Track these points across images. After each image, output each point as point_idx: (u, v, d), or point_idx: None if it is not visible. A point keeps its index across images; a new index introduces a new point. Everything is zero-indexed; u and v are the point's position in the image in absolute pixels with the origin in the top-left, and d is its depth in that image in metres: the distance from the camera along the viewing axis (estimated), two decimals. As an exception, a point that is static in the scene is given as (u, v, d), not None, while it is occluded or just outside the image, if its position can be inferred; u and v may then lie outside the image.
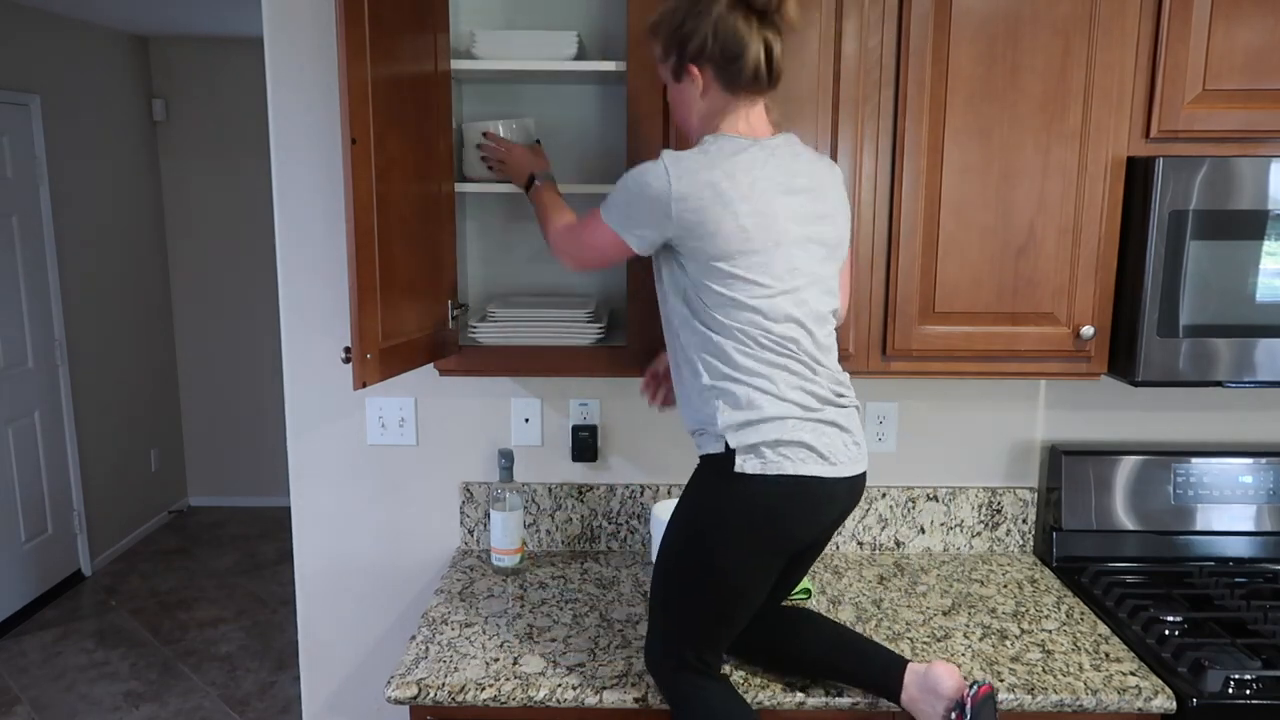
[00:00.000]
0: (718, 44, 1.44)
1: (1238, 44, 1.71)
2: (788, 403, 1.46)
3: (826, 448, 1.47)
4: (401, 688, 1.60)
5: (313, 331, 2.11)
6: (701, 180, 1.42)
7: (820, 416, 1.48)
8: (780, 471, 1.44)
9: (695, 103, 1.52)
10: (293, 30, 2.00)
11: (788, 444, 1.45)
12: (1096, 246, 1.77)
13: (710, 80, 1.48)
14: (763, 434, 1.44)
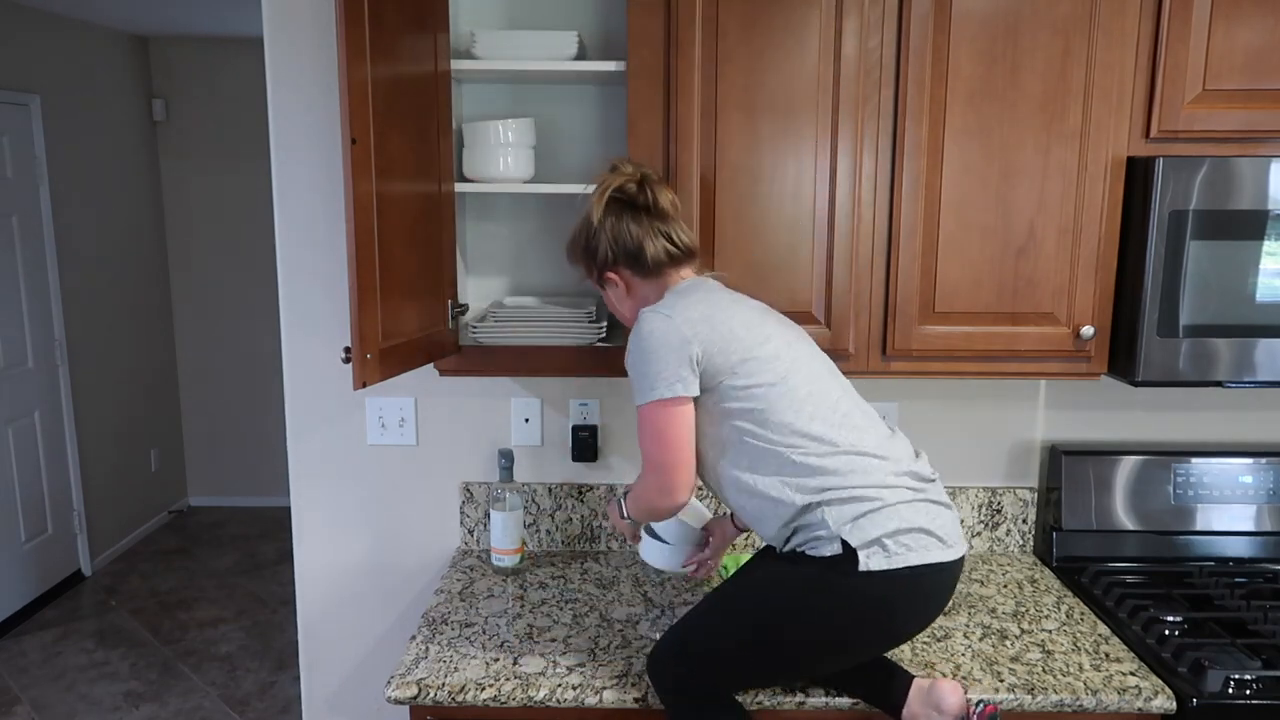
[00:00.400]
0: (620, 248, 1.58)
1: (1238, 44, 1.71)
2: (893, 487, 1.45)
3: (941, 529, 1.45)
4: (401, 688, 1.60)
5: (313, 331, 2.11)
6: (695, 314, 1.49)
7: (927, 496, 1.47)
8: (906, 564, 1.41)
9: (627, 299, 1.63)
10: (293, 30, 2.00)
11: (907, 531, 1.42)
12: (1096, 246, 1.76)
13: (630, 277, 1.60)
14: (882, 525, 1.42)
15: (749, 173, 1.73)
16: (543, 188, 1.85)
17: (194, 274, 5.32)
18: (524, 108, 2.00)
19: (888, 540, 1.41)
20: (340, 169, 2.03)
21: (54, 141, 4.31)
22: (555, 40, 1.81)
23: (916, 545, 1.42)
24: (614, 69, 1.78)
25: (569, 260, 1.69)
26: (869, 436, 1.49)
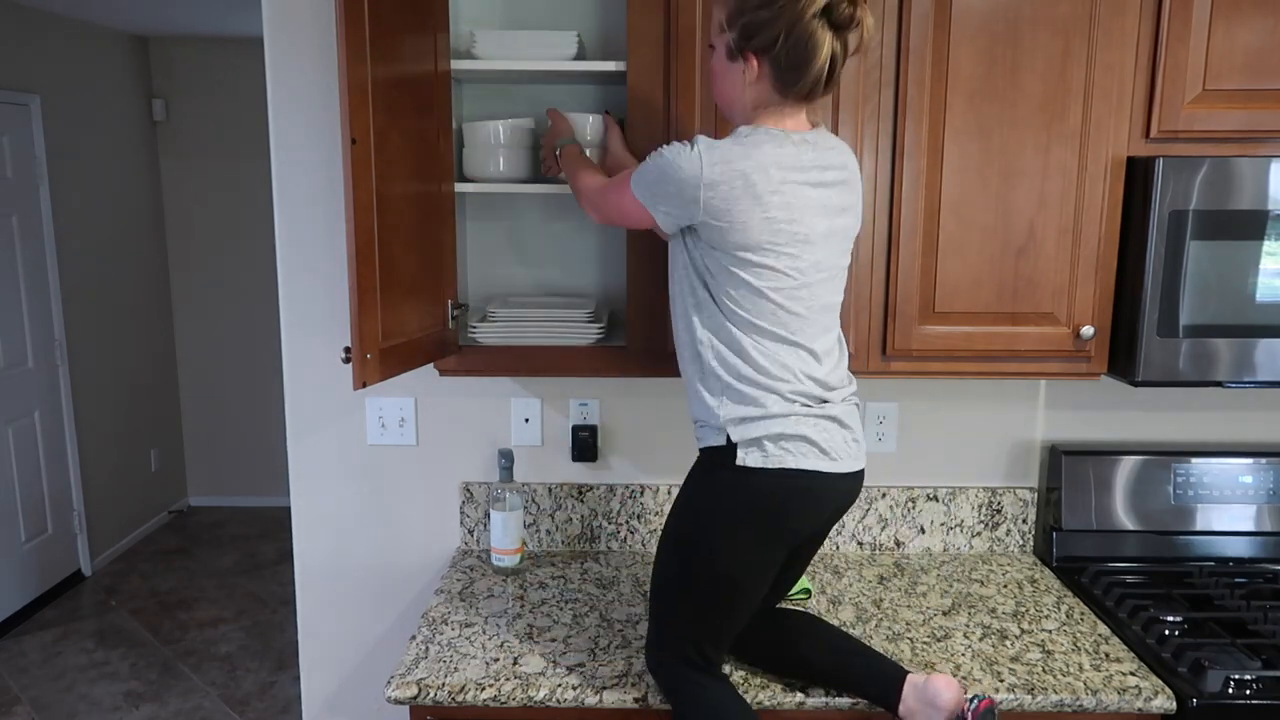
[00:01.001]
0: (787, 45, 1.39)
1: (1238, 44, 1.71)
2: (792, 400, 1.46)
3: (827, 443, 1.47)
4: (401, 688, 1.60)
5: (313, 331, 2.11)
6: (734, 170, 1.40)
7: (822, 412, 1.48)
8: (782, 465, 1.45)
9: (741, 86, 1.46)
10: (293, 30, 2.00)
11: (790, 438, 1.45)
12: (1096, 246, 1.76)
13: (765, 75, 1.43)
14: (765, 428, 1.45)
15: (749, 173, 1.73)
16: (542, 188, 1.85)
17: (194, 274, 5.32)
18: (524, 107, 2.00)
19: (767, 442, 1.45)
20: (340, 169, 2.03)
21: (54, 141, 4.31)
22: (555, 40, 1.81)
23: (796, 451, 1.45)
24: (614, 69, 1.78)
25: (713, 9, 1.48)
26: (802, 361, 1.49)
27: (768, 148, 1.42)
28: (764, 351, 1.46)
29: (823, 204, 1.46)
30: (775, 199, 1.41)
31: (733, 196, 1.40)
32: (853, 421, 1.53)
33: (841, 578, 2.05)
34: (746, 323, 1.45)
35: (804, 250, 1.44)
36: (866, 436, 2.14)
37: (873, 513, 2.17)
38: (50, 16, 4.30)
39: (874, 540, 2.18)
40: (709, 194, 1.40)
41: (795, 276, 1.44)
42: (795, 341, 1.47)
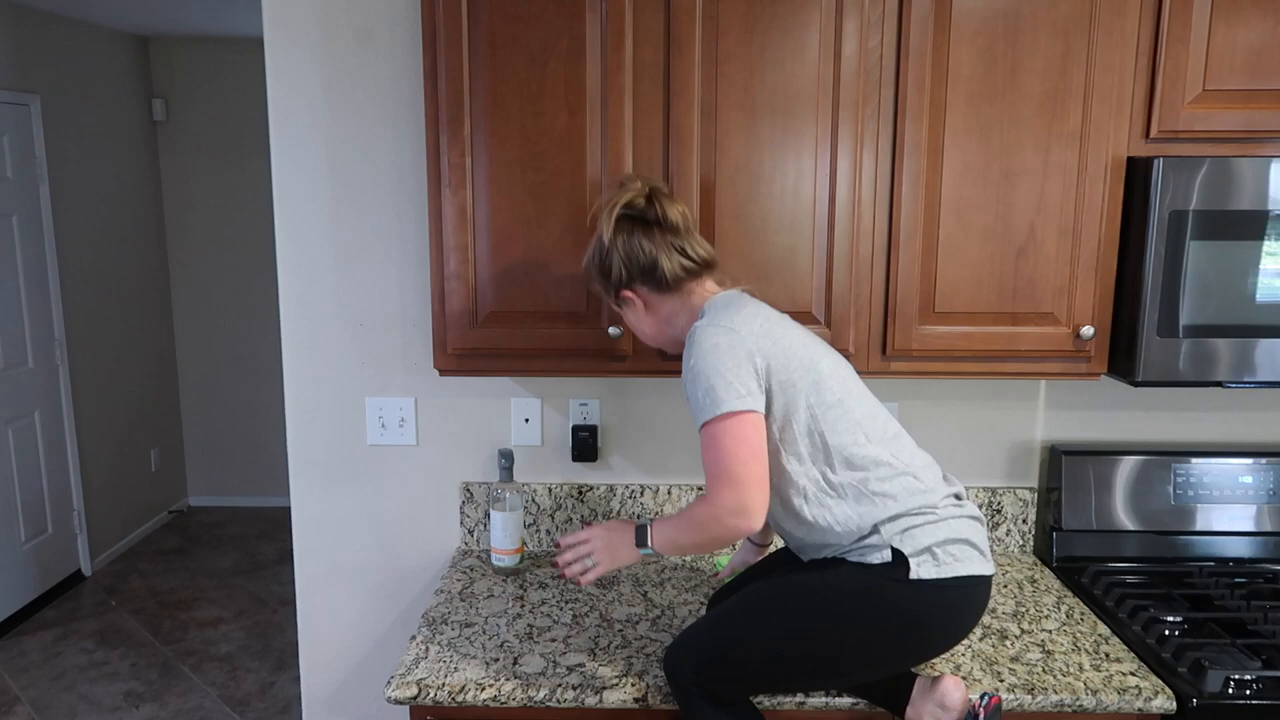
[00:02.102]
0: (635, 266, 1.55)
1: (1238, 44, 1.71)
2: (942, 504, 1.46)
3: (981, 543, 1.48)
4: (401, 688, 1.60)
5: (313, 331, 2.11)
6: (750, 330, 1.47)
7: (967, 512, 1.49)
8: (954, 574, 1.43)
9: (646, 317, 1.61)
10: (293, 30, 2.00)
11: (955, 542, 1.44)
12: (1096, 247, 1.77)
13: (648, 294, 1.58)
14: (933, 535, 1.44)
15: (748, 172, 1.73)
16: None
17: (194, 274, 5.32)
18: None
19: (937, 549, 1.43)
20: (339, 169, 2.03)
21: (54, 141, 4.31)
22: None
23: (963, 556, 1.44)
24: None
25: (588, 283, 1.70)
26: (908, 450, 1.52)
27: (735, 302, 1.53)
28: (886, 447, 1.50)
29: (806, 330, 1.58)
30: (793, 335, 1.52)
31: (773, 353, 1.47)
32: (980, 514, 1.54)
33: (841, 578, 2.04)
34: (849, 431, 1.49)
35: (832, 369, 1.52)
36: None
37: (873, 513, 2.17)
38: (50, 16, 4.30)
39: (874, 540, 2.18)
40: (760, 362, 1.45)
41: (836, 406, 1.48)
42: (896, 445, 1.51)
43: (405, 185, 2.05)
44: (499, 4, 1.70)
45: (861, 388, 1.55)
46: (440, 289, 1.79)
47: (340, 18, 1.99)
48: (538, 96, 1.72)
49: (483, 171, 1.75)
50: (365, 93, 2.01)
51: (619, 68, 1.71)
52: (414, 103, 2.00)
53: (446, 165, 1.75)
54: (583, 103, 1.72)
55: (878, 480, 1.46)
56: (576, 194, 1.75)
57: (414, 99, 2.00)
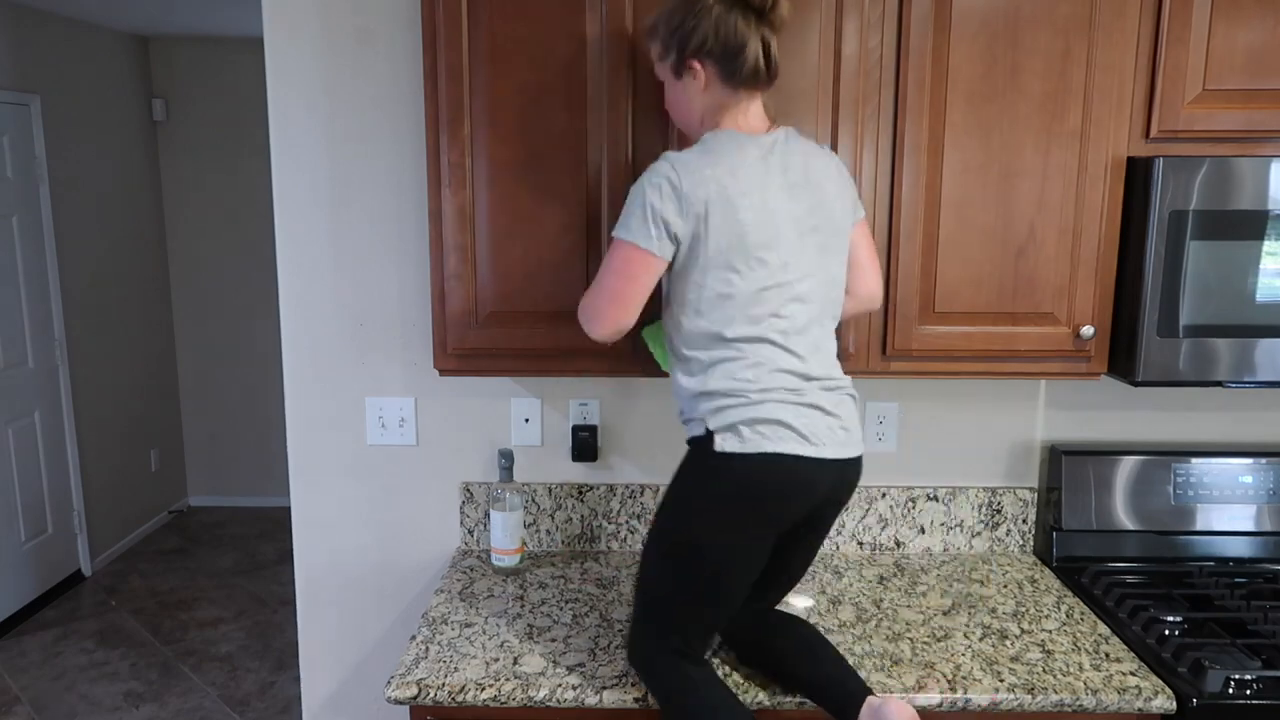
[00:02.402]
0: (719, 40, 1.47)
1: (1238, 44, 1.71)
2: (768, 387, 1.48)
3: (807, 428, 1.48)
4: (401, 688, 1.60)
5: (313, 331, 2.11)
6: (706, 176, 1.45)
7: (802, 399, 1.49)
8: (759, 450, 1.46)
9: (696, 98, 1.54)
10: (293, 30, 2.00)
11: (765, 422, 1.46)
12: (1096, 246, 1.77)
13: (712, 76, 1.51)
14: (741, 414, 1.47)
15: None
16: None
17: (194, 274, 5.33)
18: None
19: (743, 427, 1.46)
20: (338, 169, 2.03)
21: (54, 141, 4.31)
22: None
23: (773, 435, 1.46)
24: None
25: (647, 36, 1.59)
26: (783, 361, 1.52)
27: (734, 150, 1.49)
28: (738, 346, 1.49)
29: (791, 204, 1.50)
30: (745, 201, 1.46)
31: (709, 201, 1.45)
32: (841, 411, 1.53)
33: (841, 578, 2.05)
34: (722, 320, 1.48)
35: (774, 251, 1.48)
36: (867, 437, 2.14)
37: (873, 513, 2.17)
38: (50, 16, 4.30)
39: (874, 540, 2.18)
40: (688, 204, 1.45)
41: (765, 279, 1.47)
42: (772, 341, 1.49)
43: (405, 185, 2.05)
44: (499, 4, 1.69)
45: (806, 294, 1.52)
46: (440, 289, 1.79)
47: (340, 17, 1.99)
48: (538, 96, 1.72)
49: (483, 171, 1.75)
50: (365, 93, 2.01)
51: (619, 67, 1.71)
52: (414, 103, 2.00)
53: (446, 165, 1.75)
54: (583, 102, 1.72)
55: (720, 361, 1.50)
56: (577, 194, 1.75)
57: (414, 99, 2.00)
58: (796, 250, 1.50)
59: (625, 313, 1.52)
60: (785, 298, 1.49)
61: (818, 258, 1.53)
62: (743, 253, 1.46)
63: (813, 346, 1.53)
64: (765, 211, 1.47)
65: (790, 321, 1.50)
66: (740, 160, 1.48)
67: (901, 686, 1.61)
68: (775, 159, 1.51)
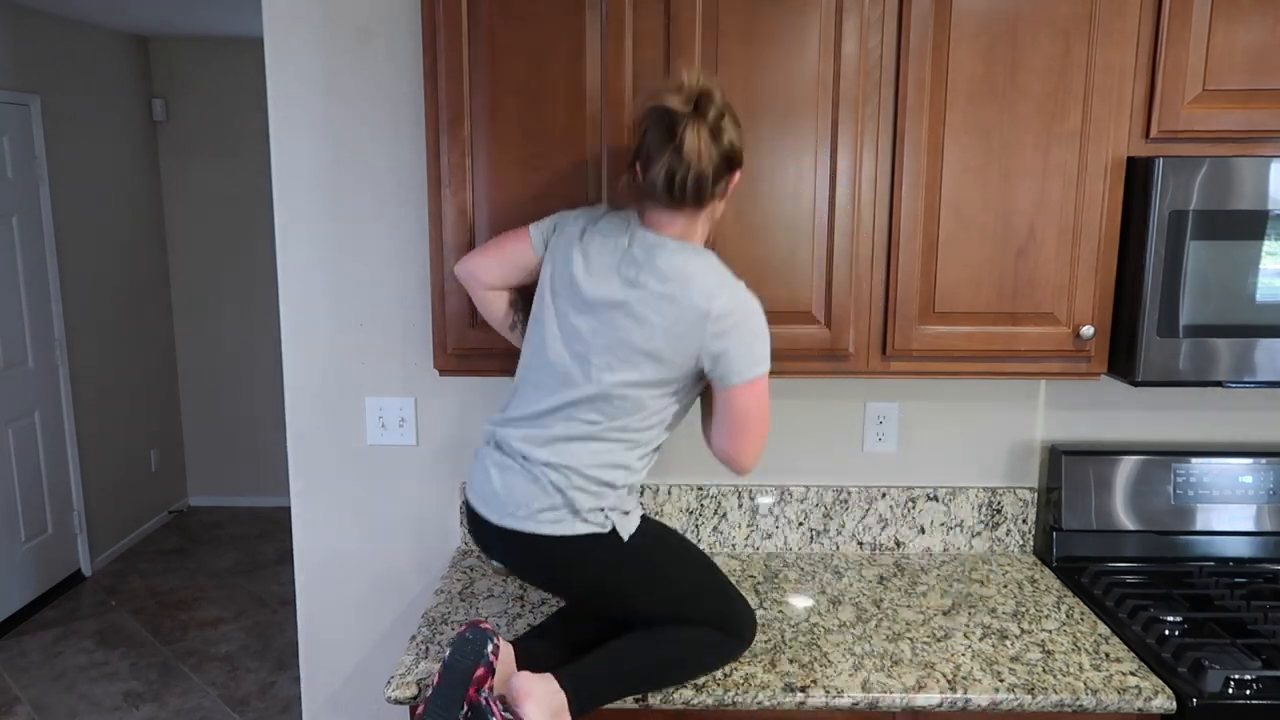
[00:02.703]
0: (642, 150, 1.52)
1: (1238, 44, 1.71)
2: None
3: (473, 481, 1.63)
4: (401, 688, 1.60)
5: (313, 331, 2.11)
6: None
7: (486, 458, 1.62)
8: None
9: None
10: (292, 30, 2.00)
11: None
12: (1096, 246, 1.77)
13: (631, 180, 1.57)
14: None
15: (749, 173, 1.73)
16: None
17: (194, 274, 5.32)
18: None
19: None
20: (339, 169, 2.03)
21: (54, 141, 4.31)
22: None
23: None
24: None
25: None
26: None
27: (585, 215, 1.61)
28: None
29: (595, 287, 1.54)
30: (567, 256, 1.57)
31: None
32: (500, 460, 1.59)
33: (841, 578, 2.05)
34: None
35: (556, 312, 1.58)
36: (867, 437, 2.14)
37: (873, 513, 2.17)
38: (50, 16, 4.31)
39: (874, 540, 2.18)
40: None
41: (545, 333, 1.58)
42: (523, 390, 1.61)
43: (405, 185, 2.05)
44: (499, 4, 1.70)
45: None
46: (440, 289, 1.79)
47: (340, 18, 1.99)
48: (538, 97, 1.72)
49: (483, 172, 1.75)
50: (365, 93, 2.01)
51: (619, 68, 1.71)
52: (414, 103, 2.00)
53: (446, 165, 1.75)
54: (583, 103, 1.72)
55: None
56: (576, 194, 1.75)
57: (414, 99, 2.00)
58: (581, 329, 1.58)
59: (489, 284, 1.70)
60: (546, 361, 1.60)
61: (600, 355, 1.54)
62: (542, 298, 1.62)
63: (543, 419, 1.58)
64: (564, 277, 1.59)
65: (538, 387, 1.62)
66: (587, 216, 1.63)
67: (901, 686, 1.61)
68: (621, 244, 1.55)
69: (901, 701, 1.59)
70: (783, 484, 2.17)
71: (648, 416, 1.54)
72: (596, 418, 1.53)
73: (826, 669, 1.66)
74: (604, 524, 1.53)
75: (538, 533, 1.53)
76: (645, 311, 1.50)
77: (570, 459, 1.53)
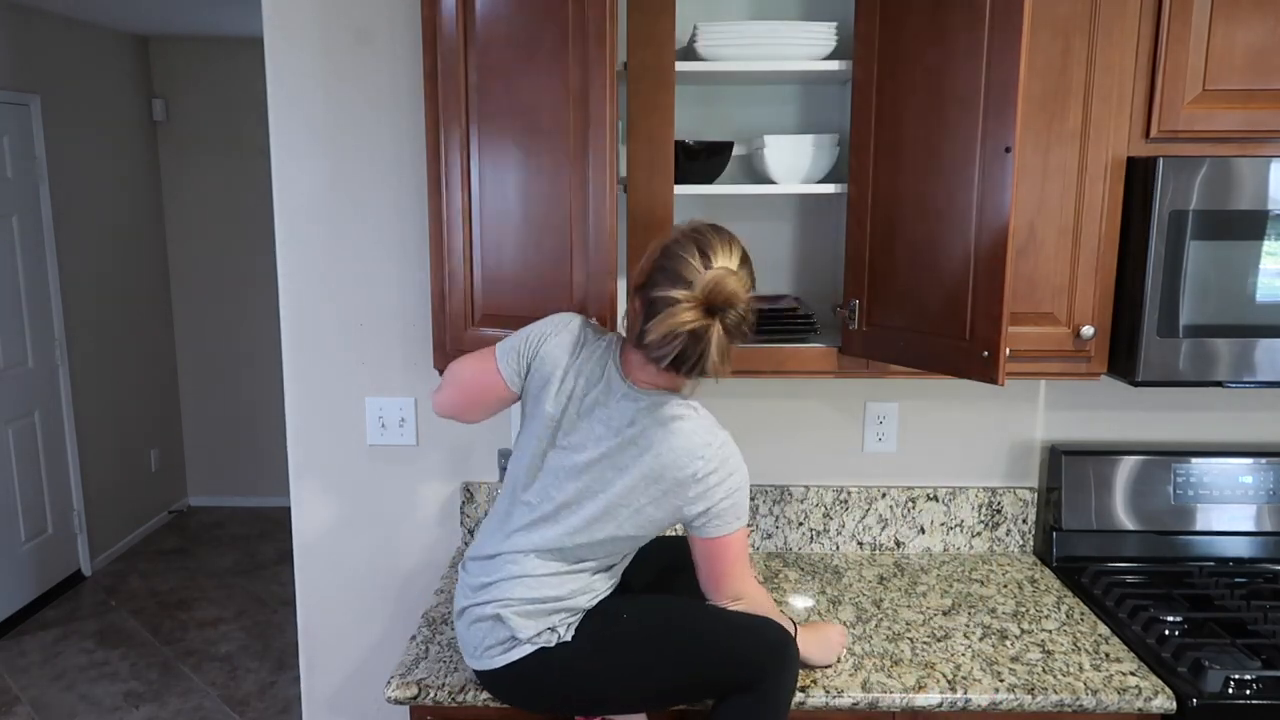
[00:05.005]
0: (656, 298, 1.43)
1: (1237, 44, 1.71)
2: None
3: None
4: (401, 688, 1.60)
5: (313, 331, 2.11)
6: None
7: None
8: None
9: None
10: (292, 30, 2.00)
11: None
12: (1096, 246, 1.76)
13: (636, 310, 1.49)
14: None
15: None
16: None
17: (194, 274, 5.32)
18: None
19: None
20: (339, 170, 2.03)
21: (54, 141, 4.31)
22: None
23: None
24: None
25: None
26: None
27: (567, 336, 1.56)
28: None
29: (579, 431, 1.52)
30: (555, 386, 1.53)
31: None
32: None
33: (841, 578, 2.05)
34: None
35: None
36: (867, 437, 2.14)
37: (873, 513, 2.17)
38: (50, 16, 4.30)
39: (874, 540, 2.18)
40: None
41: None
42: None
43: (405, 185, 2.05)
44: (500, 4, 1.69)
45: None
46: (440, 289, 1.79)
47: (340, 18, 1.99)
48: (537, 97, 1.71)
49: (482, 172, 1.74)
50: (365, 93, 2.01)
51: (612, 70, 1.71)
52: (414, 103, 2.00)
53: (446, 165, 1.75)
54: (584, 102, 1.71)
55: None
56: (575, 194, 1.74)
57: (414, 99, 2.00)
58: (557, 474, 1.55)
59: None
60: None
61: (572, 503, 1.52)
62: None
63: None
64: (545, 412, 1.56)
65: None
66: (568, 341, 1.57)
67: (901, 686, 1.61)
68: (605, 391, 1.51)
69: (901, 701, 1.59)
70: (783, 484, 2.17)
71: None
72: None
73: (826, 669, 1.66)
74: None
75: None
76: (626, 463, 1.48)
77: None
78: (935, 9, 1.55)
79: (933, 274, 1.60)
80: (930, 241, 1.60)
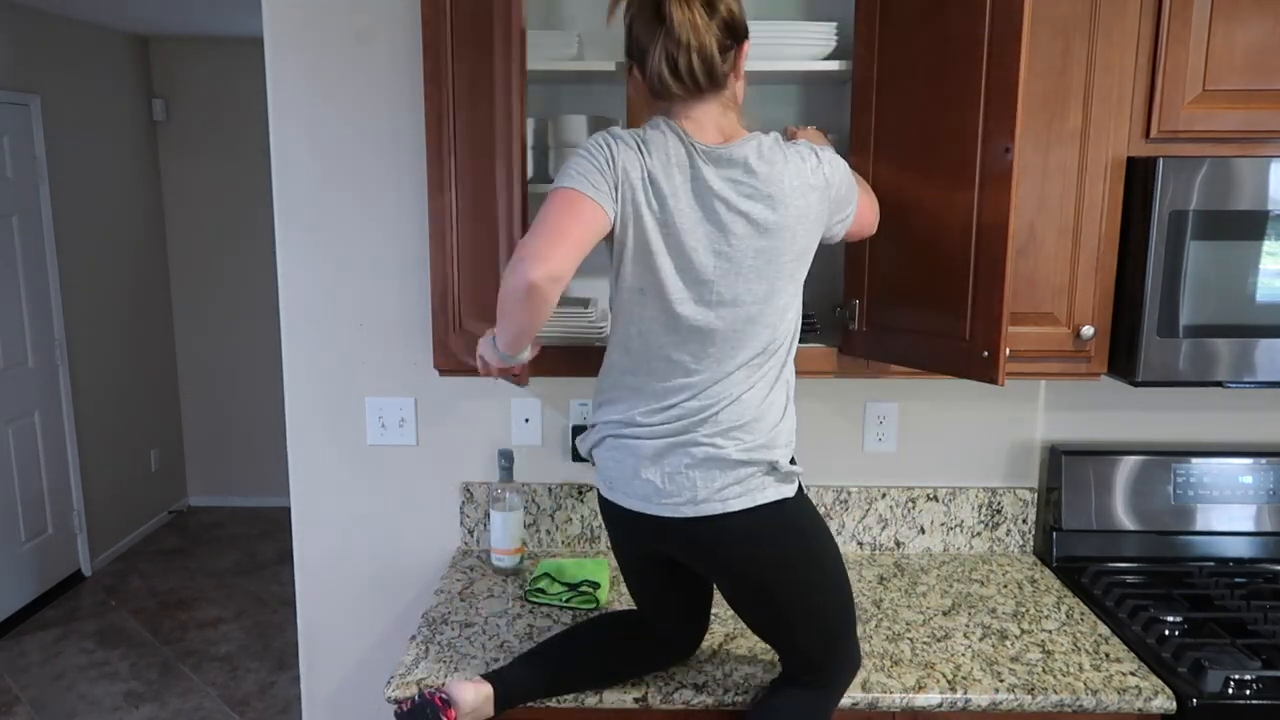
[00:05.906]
0: (633, 43, 1.38)
1: (1237, 44, 1.71)
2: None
3: (608, 472, 1.57)
4: (401, 688, 1.60)
5: (313, 331, 2.11)
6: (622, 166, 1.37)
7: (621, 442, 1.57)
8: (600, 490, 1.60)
9: (639, 100, 1.46)
10: (293, 30, 2.00)
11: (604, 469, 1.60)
12: (1096, 246, 1.77)
13: (640, 84, 1.41)
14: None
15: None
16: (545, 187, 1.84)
17: (194, 273, 5.33)
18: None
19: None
20: (339, 170, 2.03)
21: (54, 141, 4.31)
22: (557, 39, 1.81)
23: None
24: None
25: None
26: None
27: (656, 146, 1.37)
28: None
29: (700, 223, 1.37)
30: (677, 202, 1.36)
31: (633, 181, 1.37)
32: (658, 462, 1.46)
33: (841, 578, 2.05)
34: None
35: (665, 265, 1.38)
36: (867, 437, 2.14)
37: (873, 513, 2.17)
38: (50, 16, 4.30)
39: (874, 540, 2.18)
40: (617, 176, 1.36)
41: (652, 291, 1.39)
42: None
43: (405, 185, 2.05)
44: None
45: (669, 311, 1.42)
46: (440, 288, 1.79)
47: (340, 18, 1.99)
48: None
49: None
50: (365, 93, 2.01)
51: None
52: (414, 103, 2.00)
53: (447, 166, 1.75)
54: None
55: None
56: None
57: (414, 99, 2.00)
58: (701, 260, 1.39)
59: (559, 257, 1.30)
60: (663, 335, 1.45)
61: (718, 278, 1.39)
62: (646, 256, 1.40)
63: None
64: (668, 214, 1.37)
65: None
66: (655, 157, 1.36)
67: (901, 686, 1.61)
68: (698, 168, 1.36)
69: (901, 701, 1.59)
70: (783, 484, 2.17)
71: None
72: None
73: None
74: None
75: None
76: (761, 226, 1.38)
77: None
78: (935, 9, 1.55)
79: (932, 274, 1.61)
80: (930, 242, 1.60)
